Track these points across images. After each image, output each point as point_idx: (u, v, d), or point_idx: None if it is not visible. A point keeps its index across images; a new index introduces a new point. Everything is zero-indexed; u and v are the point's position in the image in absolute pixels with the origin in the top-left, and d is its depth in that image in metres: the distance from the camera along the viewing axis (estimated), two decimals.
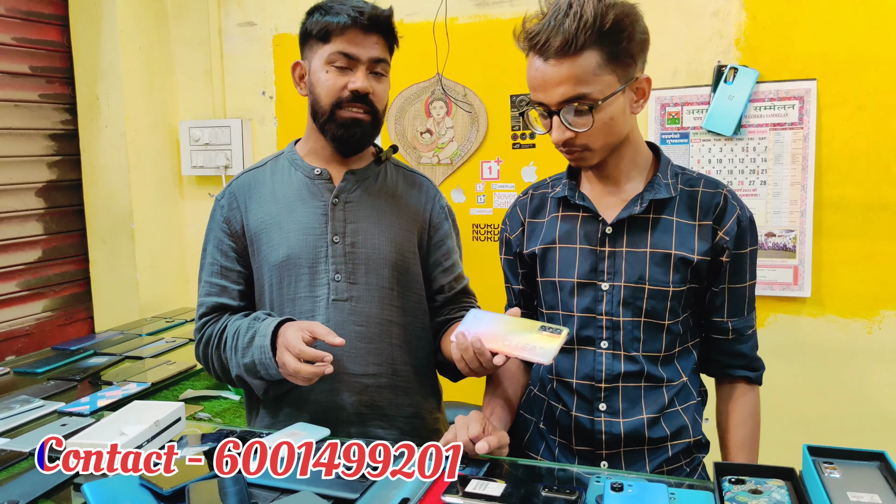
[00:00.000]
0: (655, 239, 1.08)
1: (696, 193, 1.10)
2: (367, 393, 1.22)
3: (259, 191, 1.26)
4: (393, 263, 1.24)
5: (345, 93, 1.18)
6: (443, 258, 1.31)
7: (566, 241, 1.12)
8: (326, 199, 1.23)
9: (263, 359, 1.13)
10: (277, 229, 1.23)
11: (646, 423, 1.09)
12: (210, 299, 1.27)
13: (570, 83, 0.99)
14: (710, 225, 1.09)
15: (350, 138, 1.21)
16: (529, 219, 1.20)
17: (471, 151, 2.33)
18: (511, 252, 1.23)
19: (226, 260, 1.27)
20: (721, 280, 1.12)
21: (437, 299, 1.33)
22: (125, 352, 1.98)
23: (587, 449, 1.12)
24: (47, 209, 2.50)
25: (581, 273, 1.10)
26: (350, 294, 1.21)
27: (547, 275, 1.15)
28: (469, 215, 2.36)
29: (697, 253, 1.08)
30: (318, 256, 1.21)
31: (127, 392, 1.60)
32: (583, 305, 1.11)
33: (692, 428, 1.14)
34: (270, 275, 1.23)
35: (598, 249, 1.10)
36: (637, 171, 1.12)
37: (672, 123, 2.07)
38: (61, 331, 2.55)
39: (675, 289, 1.08)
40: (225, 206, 1.27)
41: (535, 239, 1.17)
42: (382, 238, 1.24)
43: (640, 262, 1.08)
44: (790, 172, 1.95)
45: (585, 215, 1.13)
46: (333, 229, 1.21)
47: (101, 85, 2.51)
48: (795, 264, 1.97)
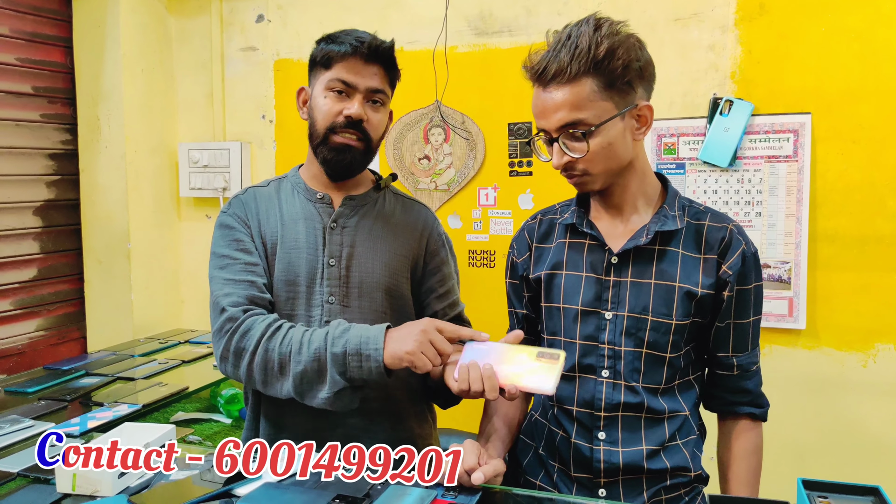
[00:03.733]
0: (660, 271, 1.08)
1: (703, 227, 1.11)
2: (361, 416, 1.22)
3: (266, 206, 1.28)
4: (385, 288, 1.25)
5: (339, 118, 1.20)
6: (437, 284, 1.32)
7: (572, 268, 1.13)
8: (325, 222, 1.25)
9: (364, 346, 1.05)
10: (281, 247, 1.24)
11: (645, 454, 1.09)
12: (241, 291, 1.17)
13: (566, 109, 1.02)
14: (715, 259, 1.09)
15: (339, 163, 1.23)
16: (537, 243, 1.21)
17: (468, 178, 2.34)
18: (517, 276, 1.23)
19: (249, 256, 1.22)
20: (725, 315, 1.11)
21: None
22: (117, 372, 1.96)
23: (586, 476, 1.11)
24: (44, 228, 2.49)
25: (585, 301, 1.11)
26: (343, 317, 1.22)
27: (551, 300, 1.15)
28: (465, 241, 2.36)
29: (702, 287, 1.08)
30: (315, 277, 1.22)
31: (118, 413, 1.60)
32: (585, 333, 1.11)
33: (692, 462, 1.13)
34: (272, 291, 1.24)
35: (603, 278, 1.10)
36: (644, 201, 1.13)
37: (668, 154, 2.09)
38: (54, 350, 2.53)
39: (678, 322, 1.08)
40: (241, 211, 1.26)
41: (541, 263, 1.18)
42: (377, 262, 1.25)
43: (644, 294, 1.08)
44: (785, 204, 1.96)
45: (592, 243, 1.13)
46: (330, 252, 1.23)
47: (103, 106, 2.53)
48: (790, 296, 1.97)
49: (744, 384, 1.15)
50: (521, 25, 2.26)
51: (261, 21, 2.59)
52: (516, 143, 2.28)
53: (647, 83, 1.08)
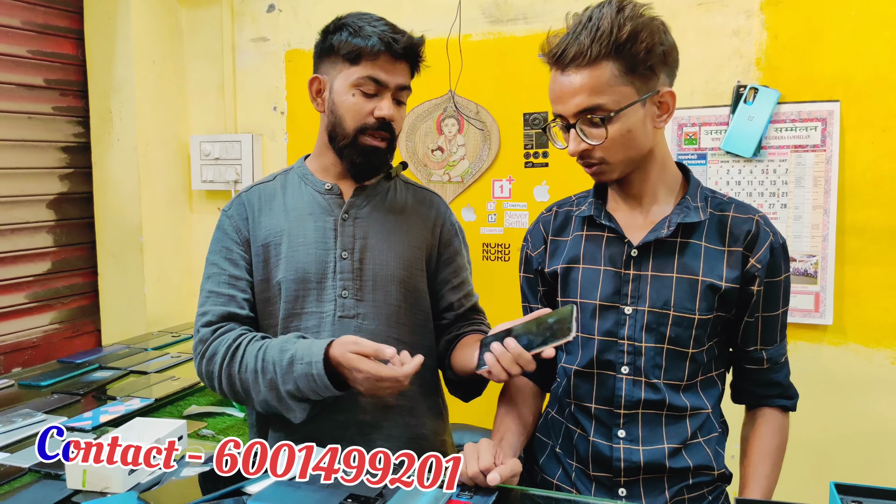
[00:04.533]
0: (682, 264, 1.05)
1: (727, 219, 1.07)
2: (374, 413, 1.20)
3: (270, 203, 1.25)
4: (400, 280, 1.22)
5: (370, 119, 1.17)
6: (452, 276, 1.30)
7: (590, 262, 1.10)
8: (336, 214, 1.22)
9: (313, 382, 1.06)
10: (287, 242, 1.21)
11: (666, 453, 1.06)
12: (217, 308, 1.19)
13: (585, 93, 0.99)
14: (741, 252, 1.06)
15: (369, 165, 1.21)
16: (552, 236, 1.18)
17: (482, 170, 2.30)
18: (531, 270, 1.21)
19: (234, 268, 1.22)
20: (755, 309, 1.09)
21: (446, 317, 1.31)
22: (130, 366, 1.96)
23: (605, 475, 1.09)
24: (58, 221, 2.49)
25: (604, 295, 1.08)
26: (357, 311, 1.19)
27: (568, 295, 1.13)
28: (479, 234, 2.32)
29: (726, 280, 1.05)
30: (326, 272, 1.19)
31: (130, 408, 1.59)
32: (604, 328, 1.08)
33: (715, 461, 1.10)
34: (278, 289, 1.21)
35: (622, 272, 1.08)
36: (665, 192, 1.10)
37: (689, 144, 2.03)
38: (68, 343, 2.53)
39: (700, 317, 1.05)
40: (234, 216, 1.25)
41: (557, 257, 1.15)
42: (391, 254, 1.22)
43: (666, 288, 1.05)
44: (812, 196, 1.90)
45: (610, 236, 1.10)
46: (342, 245, 1.20)
47: (115, 98, 2.51)
48: (817, 290, 1.91)
49: (773, 377, 1.13)
50: (537, 12, 2.20)
51: (272, 11, 2.56)
52: (532, 133, 2.24)
53: (669, 69, 1.04)
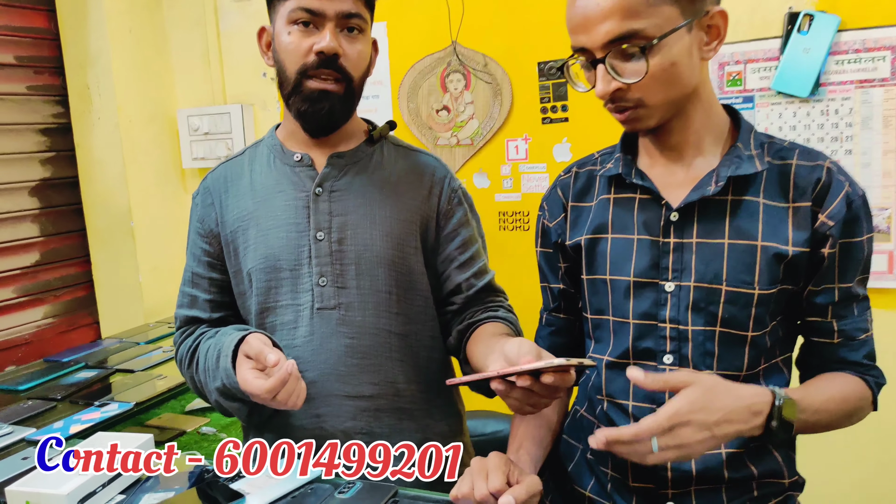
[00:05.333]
0: (736, 227, 0.90)
1: (790, 168, 0.91)
2: (363, 418, 1.09)
3: (235, 184, 1.15)
4: (390, 262, 1.09)
5: (310, 57, 1.03)
6: (457, 252, 1.15)
7: (620, 230, 0.96)
8: (308, 188, 1.10)
9: (230, 382, 1.01)
10: (255, 227, 1.11)
11: (725, 459, 0.92)
12: (181, 312, 1.18)
13: (617, 17, 0.81)
14: (809, 207, 0.89)
15: (316, 114, 1.06)
16: (573, 202, 1.03)
17: (494, 129, 2.10)
18: (549, 243, 1.07)
19: (198, 265, 1.17)
20: (825, 278, 0.91)
21: (456, 301, 1.16)
22: (118, 364, 1.86)
23: (648, 487, 0.95)
24: (43, 209, 2.36)
25: (639, 270, 0.94)
26: (338, 301, 1.07)
27: (595, 271, 0.98)
28: (494, 202, 2.14)
29: (793, 244, 0.88)
30: (301, 257, 1.08)
31: (106, 414, 1.48)
32: (641, 310, 0.94)
33: (786, 467, 0.95)
34: (249, 280, 1.12)
35: (660, 241, 0.93)
36: (711, 141, 0.93)
37: (733, 86, 1.80)
38: (64, 338, 2.43)
39: (761, 291, 0.89)
40: (199, 204, 1.17)
41: (580, 227, 1.01)
42: (376, 232, 1.09)
43: (716, 257, 0.90)
44: (882, 138, 1.66)
45: (644, 198, 0.95)
46: (317, 224, 1.08)
47: (91, 73, 2.35)
48: (890, 249, 1.69)
49: (848, 355, 0.95)
50: None
51: None
52: (548, 85, 2.02)
53: None
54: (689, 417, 0.75)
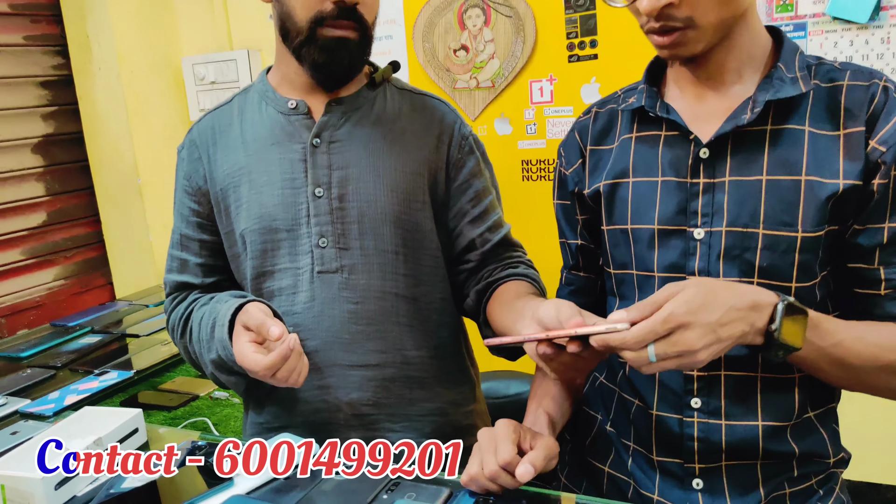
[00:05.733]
0: (776, 161, 0.79)
1: (840, 89, 0.79)
2: (369, 388, 1.03)
3: (224, 136, 1.06)
4: (396, 219, 1.02)
5: (326, 5, 0.95)
6: (470, 205, 1.08)
7: (643, 173, 0.87)
8: (305, 139, 1.02)
9: (226, 354, 0.96)
10: (247, 184, 1.03)
11: (761, 433, 0.82)
12: (171, 277, 1.12)
13: None
14: (862, 132, 0.77)
15: (335, 64, 0.98)
16: (592, 146, 0.94)
17: (516, 69, 1.96)
18: (567, 193, 0.98)
19: (186, 227, 1.09)
20: (873, 215, 0.78)
21: (471, 259, 1.09)
22: (126, 328, 1.80)
23: (674, 461, 0.86)
24: (47, 167, 2.28)
25: (664, 216, 0.84)
26: (340, 263, 1.01)
27: (616, 221, 0.89)
28: (517, 150, 2.02)
29: (844, 177, 0.77)
30: (298, 216, 1.01)
31: (105, 384, 1.42)
32: (667, 261, 0.85)
33: (831, 444, 0.85)
34: (243, 242, 1.05)
35: (688, 182, 0.83)
36: (752, 68, 0.82)
37: (783, 11, 1.63)
38: (78, 300, 2.39)
39: (805, 234, 0.78)
40: (185, 159, 1.09)
41: (599, 172, 0.92)
42: (381, 187, 1.02)
43: (752, 197, 0.80)
44: None
45: (671, 134, 0.85)
46: (315, 179, 1.00)
47: (91, 21, 2.24)
48: None
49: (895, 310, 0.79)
50: None
51: None
52: (576, 18, 1.86)
53: None
54: (688, 319, 0.66)
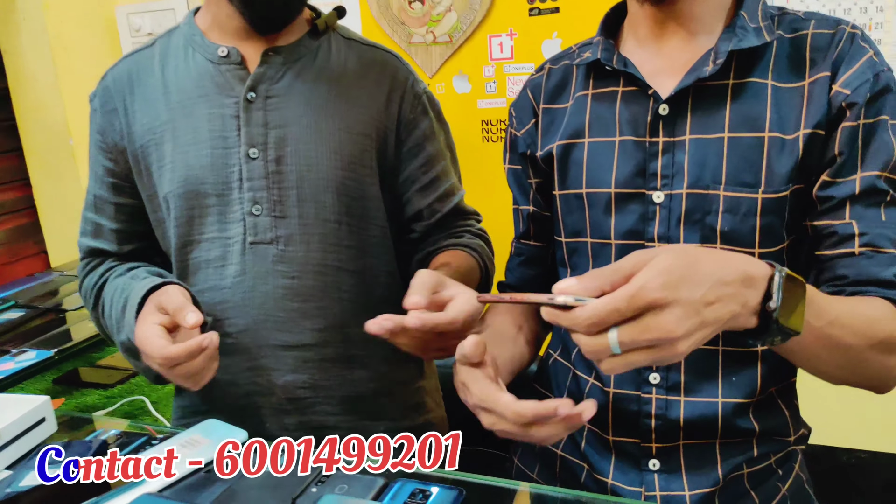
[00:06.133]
0: (738, 116, 0.76)
1: (804, 39, 0.76)
2: (305, 370, 0.96)
3: (143, 85, 0.95)
4: (339, 186, 0.94)
5: None
6: (420, 171, 1.00)
7: (600, 132, 0.83)
8: (238, 92, 0.92)
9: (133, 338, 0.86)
10: (171, 142, 0.93)
11: (722, 409, 0.78)
12: (84, 241, 1.02)
13: None
14: (827, 77, 0.73)
15: (270, 4, 0.89)
16: (546, 104, 0.89)
17: (475, 23, 1.87)
18: (518, 157, 0.93)
19: (101, 187, 0.99)
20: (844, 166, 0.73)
21: (416, 229, 1.02)
22: (50, 302, 1.67)
23: (630, 441, 0.83)
24: None
25: (622, 179, 0.80)
26: (276, 234, 0.92)
27: (570, 185, 0.85)
28: (476, 109, 1.94)
29: (807, 127, 0.73)
30: (229, 180, 0.92)
31: (21, 365, 1.32)
32: (625, 227, 0.81)
33: (793, 422, 0.82)
34: (166, 208, 0.95)
35: (647, 141, 0.79)
36: (716, 17, 0.79)
37: None
38: (8, 270, 2.26)
39: (767, 195, 0.74)
40: (98, 110, 0.98)
41: (553, 133, 0.87)
42: (323, 148, 0.93)
43: (713, 155, 0.76)
44: None
45: (629, 90, 0.81)
46: (249, 139, 0.91)
47: None
48: None
49: (874, 271, 0.72)
50: None
51: None
52: None
53: None
54: (664, 295, 0.50)
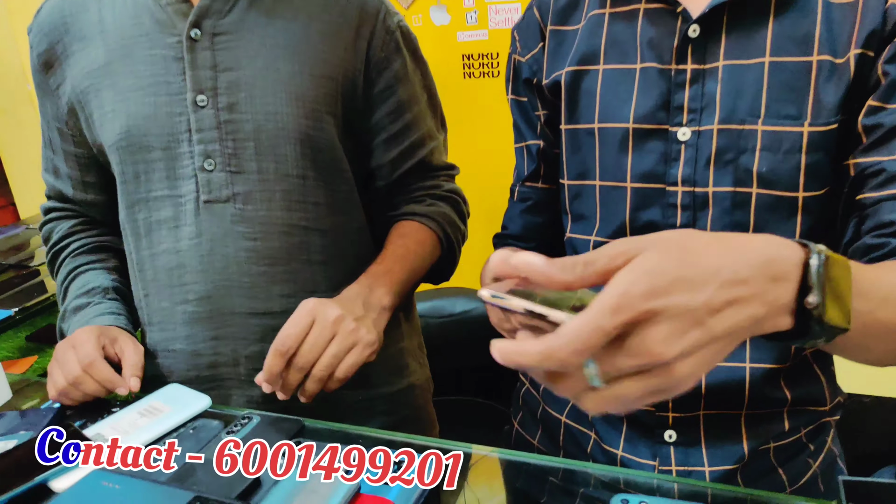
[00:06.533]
0: (783, 37, 0.66)
1: None
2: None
3: (77, 23, 0.88)
4: (303, 136, 0.87)
5: None
6: (388, 119, 0.93)
7: (617, 58, 0.74)
8: (181, 30, 0.85)
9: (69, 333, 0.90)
10: (110, 88, 0.86)
11: (749, 376, 0.71)
12: (47, 177, 0.98)
13: None
14: None
15: None
16: (554, 25, 0.80)
17: None
18: (521, 86, 0.84)
19: (48, 128, 0.95)
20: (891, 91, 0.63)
21: (379, 186, 0.98)
22: (11, 258, 1.63)
23: (643, 410, 0.76)
24: None
25: (641, 112, 0.72)
26: (233, 191, 0.86)
27: (580, 119, 0.76)
28: (456, 43, 1.90)
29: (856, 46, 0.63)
30: (177, 131, 0.85)
31: None
32: (643, 169, 0.72)
33: (829, 389, 0.74)
34: (109, 162, 0.89)
35: (673, 69, 0.70)
36: None
37: None
38: None
39: (815, 128, 0.64)
40: (35, 45, 0.91)
41: (562, 58, 0.78)
42: (281, 94, 0.86)
43: (751, 84, 0.67)
44: None
45: (652, 7, 0.71)
46: (196, 83, 0.84)
47: None
48: None
49: None
50: None
51: None
52: None
53: None
54: (650, 306, 0.38)
